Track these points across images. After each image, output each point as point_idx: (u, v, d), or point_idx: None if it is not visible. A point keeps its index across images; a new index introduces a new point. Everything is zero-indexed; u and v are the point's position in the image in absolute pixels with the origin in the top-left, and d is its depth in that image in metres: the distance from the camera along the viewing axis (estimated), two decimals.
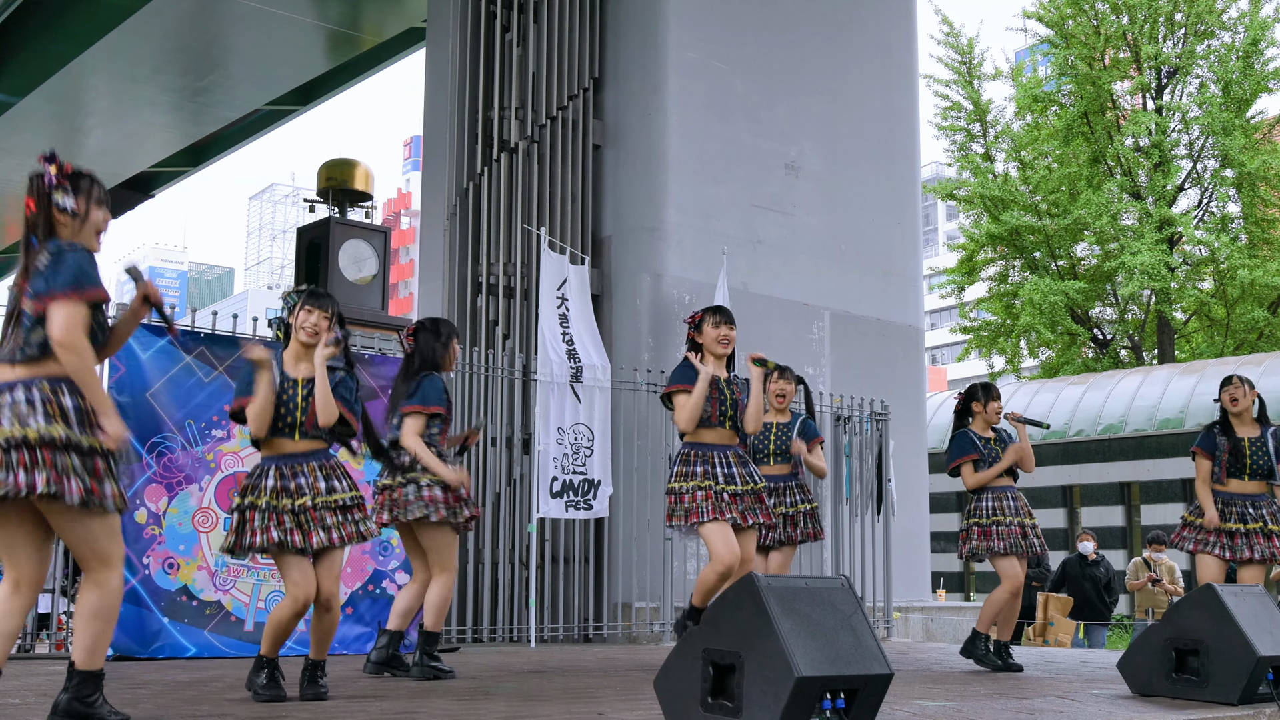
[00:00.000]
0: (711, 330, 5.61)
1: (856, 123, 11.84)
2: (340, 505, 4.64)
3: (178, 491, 6.78)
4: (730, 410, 5.54)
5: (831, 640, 3.45)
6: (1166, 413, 19.47)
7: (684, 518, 5.40)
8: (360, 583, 7.39)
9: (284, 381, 4.69)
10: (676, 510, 5.44)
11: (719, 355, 5.64)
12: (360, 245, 12.75)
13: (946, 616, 11.48)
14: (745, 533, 5.49)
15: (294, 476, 4.61)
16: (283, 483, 4.60)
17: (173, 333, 4.11)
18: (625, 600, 9.42)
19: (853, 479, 10.33)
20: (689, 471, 5.46)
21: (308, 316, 4.74)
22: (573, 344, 8.77)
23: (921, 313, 12.30)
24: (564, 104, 10.44)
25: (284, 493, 4.58)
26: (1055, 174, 24.81)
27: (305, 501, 4.58)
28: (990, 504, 6.69)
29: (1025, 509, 6.73)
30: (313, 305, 4.76)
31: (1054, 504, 20.48)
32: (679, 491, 5.44)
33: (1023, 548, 6.59)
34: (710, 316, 5.64)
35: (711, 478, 5.43)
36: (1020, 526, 6.62)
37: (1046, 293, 23.88)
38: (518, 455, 9.17)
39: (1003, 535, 6.61)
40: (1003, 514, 6.66)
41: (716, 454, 5.50)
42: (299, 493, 4.59)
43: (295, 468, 4.62)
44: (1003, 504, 6.69)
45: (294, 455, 4.65)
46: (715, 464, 5.47)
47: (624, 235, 10.45)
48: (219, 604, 6.81)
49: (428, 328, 5.70)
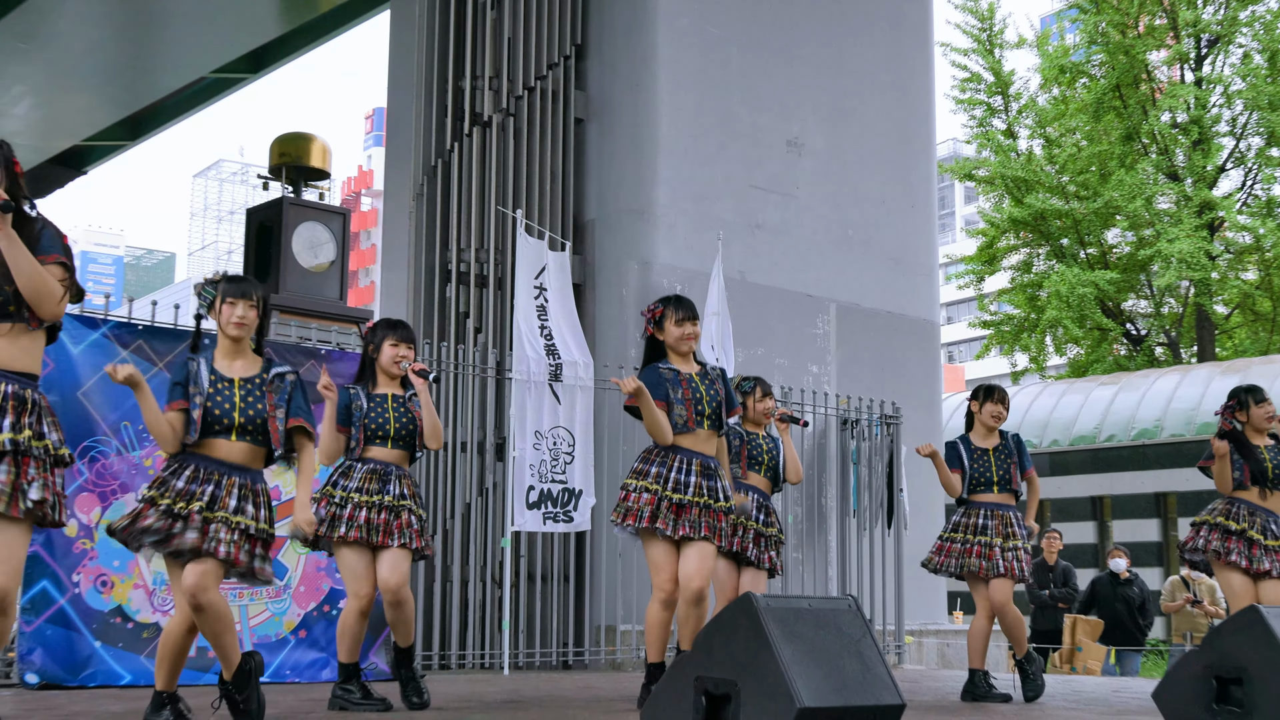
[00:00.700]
0: (675, 329, 5.60)
1: (865, 96, 11.85)
2: (242, 529, 4.55)
3: (112, 501, 6.75)
4: (708, 409, 5.54)
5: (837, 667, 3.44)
6: (1206, 416, 19.52)
7: (621, 516, 5.49)
8: (315, 603, 7.37)
9: (218, 381, 4.67)
10: (619, 507, 5.53)
11: (683, 354, 5.64)
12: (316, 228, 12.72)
13: (964, 641, 11.50)
14: (695, 545, 5.44)
15: (205, 482, 4.55)
16: (191, 486, 4.53)
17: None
18: (609, 623, 9.41)
19: (861, 489, 10.34)
20: (644, 470, 5.52)
21: (231, 310, 4.73)
22: (551, 339, 8.76)
23: (937, 305, 12.32)
24: (543, 73, 10.43)
25: (187, 497, 4.51)
26: (1084, 153, 24.86)
27: (196, 507, 4.49)
28: (957, 519, 6.81)
29: (1004, 530, 6.68)
30: (234, 297, 4.73)
31: (1082, 516, 20.54)
32: (627, 488, 5.53)
33: (977, 568, 6.61)
34: (673, 311, 5.62)
35: (661, 481, 5.44)
36: (983, 547, 6.64)
37: (1074, 284, 23.94)
38: (490, 462, 9.15)
39: (953, 554, 6.72)
40: (964, 531, 6.73)
41: (680, 458, 5.50)
42: (199, 499, 4.52)
43: (214, 475, 4.57)
44: (969, 520, 6.73)
45: (222, 462, 4.60)
46: (673, 467, 5.48)
47: (609, 219, 10.44)
48: (157, 626, 6.78)
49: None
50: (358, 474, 5.51)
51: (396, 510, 5.47)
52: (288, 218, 12.48)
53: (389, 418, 5.57)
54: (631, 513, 5.46)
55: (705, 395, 5.55)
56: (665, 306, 5.65)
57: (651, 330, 5.66)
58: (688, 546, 5.45)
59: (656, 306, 5.67)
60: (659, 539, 5.44)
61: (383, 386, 5.67)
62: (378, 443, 5.56)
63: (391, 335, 5.67)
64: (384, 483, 5.51)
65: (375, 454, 5.56)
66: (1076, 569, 12.93)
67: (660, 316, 5.64)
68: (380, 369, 5.66)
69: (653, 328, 5.65)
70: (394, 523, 5.45)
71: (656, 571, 5.47)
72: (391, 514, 5.46)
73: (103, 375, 6.76)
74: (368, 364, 5.72)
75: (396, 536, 5.44)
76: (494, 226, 10.01)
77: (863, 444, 10.38)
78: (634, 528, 5.48)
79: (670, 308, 5.65)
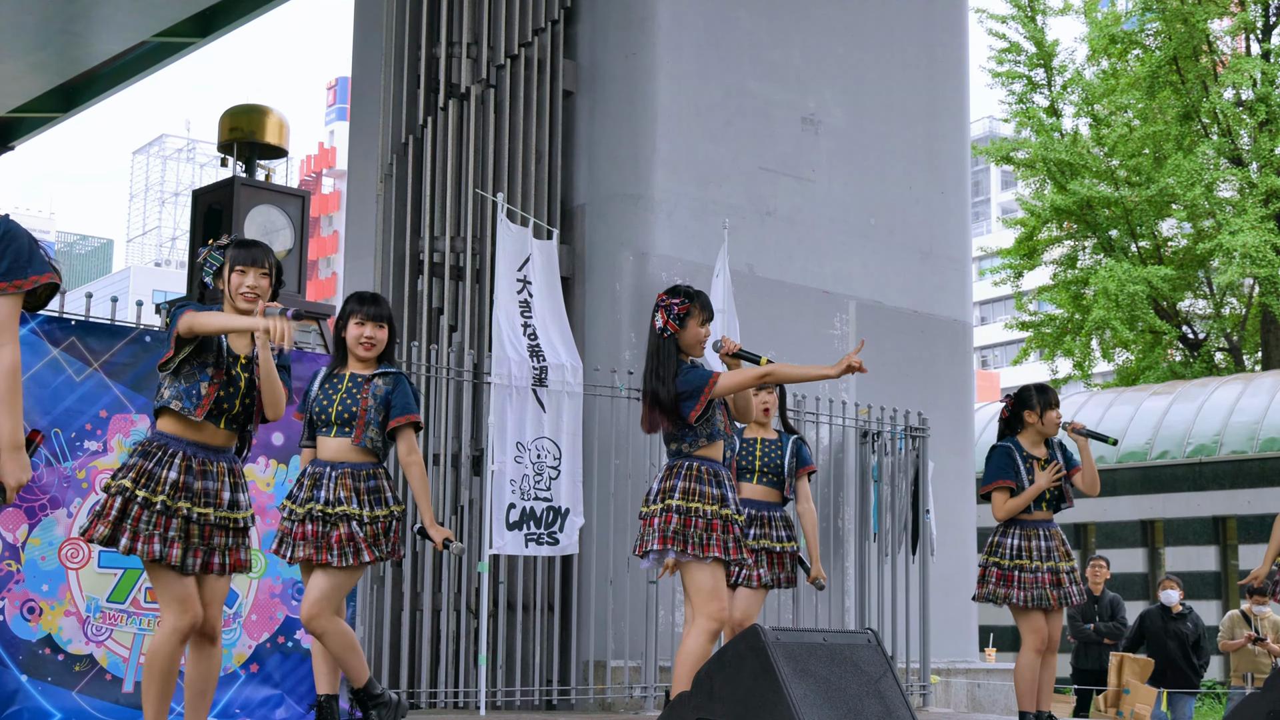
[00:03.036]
0: (700, 330, 5.59)
1: (891, 67, 11.87)
2: (236, 527, 4.85)
3: (40, 518, 6.75)
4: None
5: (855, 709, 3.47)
6: (1272, 430, 19.56)
7: (695, 545, 5.37)
8: (268, 633, 7.38)
9: (229, 360, 4.86)
10: (683, 534, 5.39)
11: (697, 358, 5.66)
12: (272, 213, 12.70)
13: (996, 681, 11.52)
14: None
15: (202, 476, 4.74)
16: (188, 479, 4.71)
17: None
18: (598, 658, 9.43)
19: (882, 509, 10.36)
20: (700, 491, 5.46)
21: (241, 279, 4.87)
22: (536, 338, 8.78)
23: (969, 304, 12.34)
24: (527, 39, 10.45)
25: (185, 492, 4.70)
26: (1136, 133, 24.90)
27: (208, 515, 4.73)
28: (1016, 542, 6.83)
29: (1062, 549, 6.84)
30: (245, 265, 4.89)
31: (1131, 542, 20.57)
32: (687, 511, 5.42)
33: (1050, 599, 6.72)
34: (699, 310, 5.59)
35: (727, 505, 5.48)
36: (1052, 574, 6.74)
37: (1124, 280, 23.97)
38: (466, 476, 9.16)
39: (1025, 584, 6.78)
40: (1029, 556, 6.79)
41: (725, 475, 5.57)
42: (202, 499, 4.72)
43: (206, 465, 4.76)
44: (1032, 544, 6.81)
45: (209, 447, 4.80)
46: (727, 487, 5.54)
47: (601, 204, 10.46)
48: (91, 658, 6.79)
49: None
50: (305, 479, 5.56)
51: (331, 520, 5.44)
52: (239, 200, 12.44)
53: (334, 400, 5.58)
54: (703, 542, 5.40)
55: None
56: (691, 303, 5.57)
57: (673, 326, 5.55)
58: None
59: (682, 301, 5.55)
60: (717, 566, 5.46)
61: (350, 368, 5.69)
62: (322, 431, 5.59)
63: (359, 311, 5.67)
64: (317, 487, 5.51)
65: (320, 448, 5.60)
66: (1125, 601, 12.95)
67: (685, 314, 5.55)
68: (349, 349, 5.69)
69: (673, 322, 5.54)
70: (330, 535, 5.43)
71: (717, 602, 5.42)
72: (325, 524, 5.44)
73: (33, 375, 6.76)
74: (340, 344, 5.75)
75: (324, 553, 5.43)
76: (472, 211, 10.03)
77: (885, 459, 10.39)
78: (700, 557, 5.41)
79: (696, 305, 5.58)
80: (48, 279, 3.61)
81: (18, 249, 3.59)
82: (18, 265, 3.58)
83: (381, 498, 5.53)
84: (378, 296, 5.78)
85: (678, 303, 5.55)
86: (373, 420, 5.54)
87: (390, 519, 5.54)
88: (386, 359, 5.71)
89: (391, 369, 5.69)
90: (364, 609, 8.30)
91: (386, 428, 5.59)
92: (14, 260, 3.58)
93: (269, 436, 7.16)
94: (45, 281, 3.61)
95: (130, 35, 16.82)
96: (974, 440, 12.57)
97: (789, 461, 7.12)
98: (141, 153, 79.59)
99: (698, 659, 5.12)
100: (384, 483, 5.57)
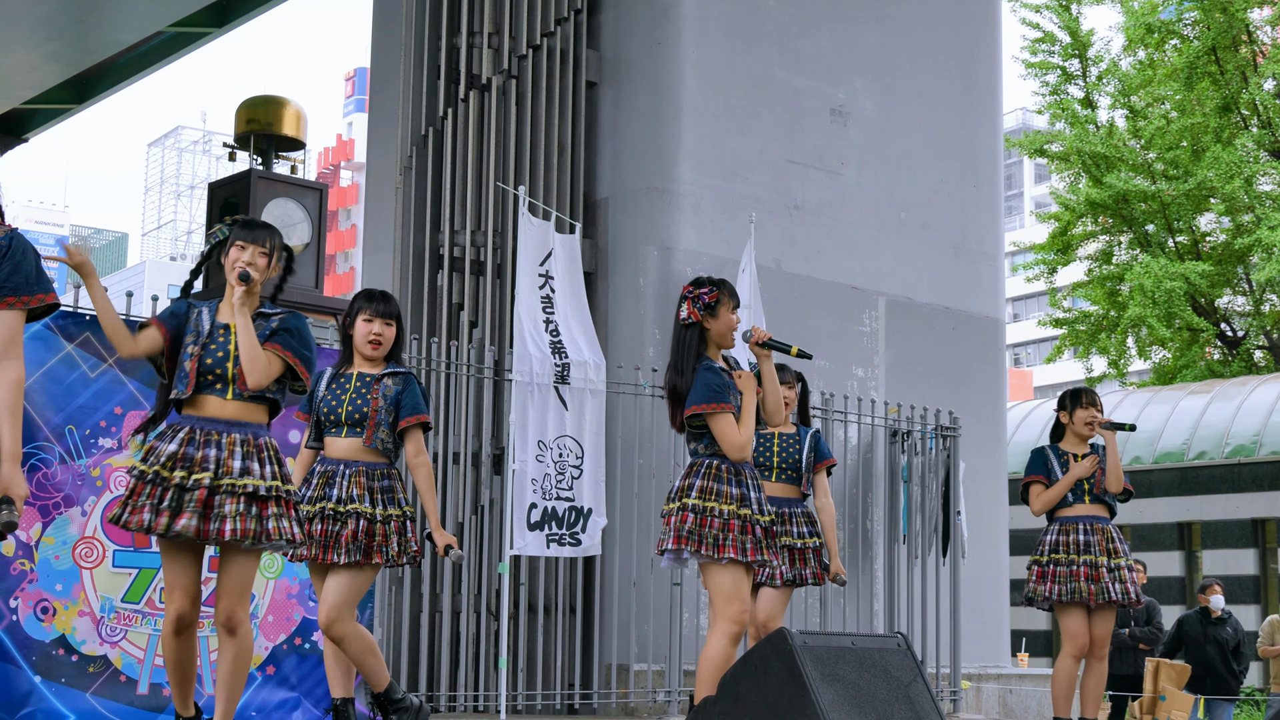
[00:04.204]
0: (731, 318, 5.52)
1: (922, 57, 11.84)
2: (250, 492, 4.72)
3: (55, 516, 6.78)
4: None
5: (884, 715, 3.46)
6: None
7: (709, 546, 5.32)
8: (285, 635, 7.39)
9: (213, 329, 4.84)
10: (698, 534, 5.35)
11: (724, 348, 5.62)
12: (289, 205, 12.76)
13: (1029, 687, 11.48)
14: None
15: (205, 446, 4.73)
16: (188, 449, 4.71)
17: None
18: (621, 661, 9.43)
19: (912, 511, 10.33)
20: (717, 490, 5.41)
21: (240, 254, 4.87)
22: (558, 335, 8.78)
23: (1002, 300, 12.31)
24: (550, 29, 10.45)
25: (182, 462, 4.68)
26: (1174, 125, 24.79)
27: (203, 479, 4.67)
28: (1053, 538, 6.84)
29: (1106, 544, 6.80)
30: (245, 240, 4.90)
31: (1167, 545, 20.48)
32: (702, 511, 5.38)
33: (1086, 593, 6.68)
34: (729, 299, 5.53)
35: (747, 504, 5.43)
36: (1089, 568, 6.70)
37: (1161, 276, 23.87)
38: (486, 475, 9.17)
39: (1059, 578, 6.74)
40: (1064, 550, 6.77)
41: (749, 474, 5.52)
42: (200, 466, 4.69)
43: (211, 435, 4.74)
44: (1069, 538, 6.79)
45: (217, 420, 4.77)
46: (749, 486, 5.49)
47: (625, 197, 10.46)
48: (105, 659, 6.82)
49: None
50: (315, 478, 5.58)
51: (341, 518, 5.48)
52: (256, 193, 12.51)
53: (342, 400, 5.61)
54: (720, 543, 5.36)
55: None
56: (720, 290, 5.50)
57: (699, 316, 5.49)
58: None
59: (710, 290, 5.48)
60: (741, 568, 5.43)
61: (358, 366, 5.72)
62: (331, 432, 5.62)
63: (367, 308, 5.70)
64: (329, 485, 5.55)
65: (329, 448, 5.64)
66: (1162, 605, 12.89)
67: (715, 302, 5.47)
68: (355, 348, 5.71)
69: (701, 314, 5.49)
70: (339, 533, 5.47)
71: (739, 605, 5.39)
72: (335, 523, 5.48)
73: (46, 371, 6.79)
74: (346, 342, 5.77)
75: (330, 552, 5.47)
76: (492, 205, 10.04)
77: (915, 459, 10.36)
78: (718, 558, 5.38)
79: (725, 293, 5.51)
80: (52, 299, 3.83)
81: (25, 265, 3.79)
82: (26, 282, 3.78)
83: (394, 497, 5.57)
84: (386, 294, 5.82)
85: (706, 291, 5.49)
86: (383, 421, 5.58)
87: (404, 519, 5.57)
88: (394, 358, 5.73)
89: (400, 369, 5.72)
90: (382, 611, 8.32)
91: (396, 428, 5.62)
92: (24, 276, 3.78)
93: (286, 434, 7.17)
94: (50, 301, 3.85)
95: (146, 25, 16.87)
96: (1006, 440, 12.53)
97: (806, 456, 7.09)
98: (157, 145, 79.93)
99: (720, 663, 5.11)
100: (397, 483, 5.62)
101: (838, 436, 10.14)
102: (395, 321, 5.72)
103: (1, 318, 3.76)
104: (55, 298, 3.87)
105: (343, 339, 5.80)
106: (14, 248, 3.77)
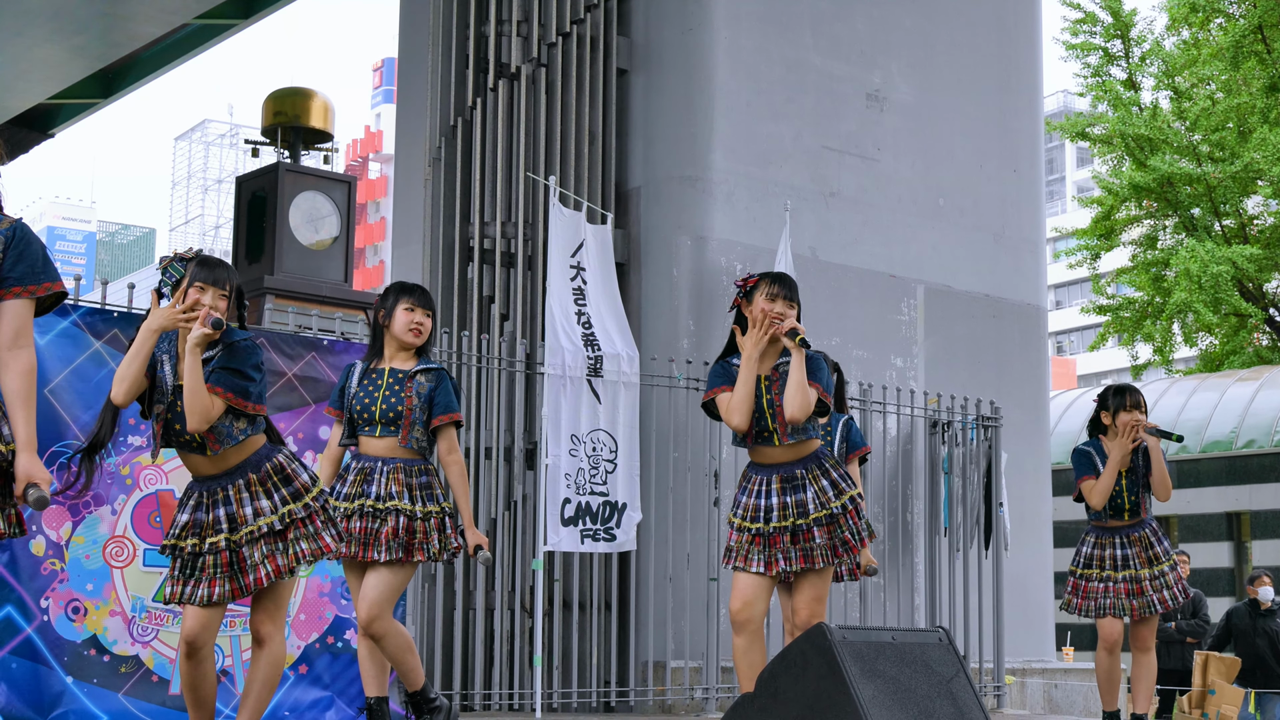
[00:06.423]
0: (763, 303, 5.47)
1: (960, 40, 11.79)
2: (267, 531, 4.77)
3: (84, 515, 6.82)
4: (768, 421, 5.45)
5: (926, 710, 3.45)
6: None
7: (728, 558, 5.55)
8: (317, 634, 7.43)
9: (173, 387, 4.81)
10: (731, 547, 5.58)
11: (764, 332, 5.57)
12: (317, 199, 12.82)
13: (1074, 682, 11.45)
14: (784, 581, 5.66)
15: (213, 507, 4.77)
16: (198, 515, 4.77)
17: None
18: (657, 658, 9.44)
19: (953, 503, 10.31)
20: (735, 499, 5.58)
21: (200, 295, 4.80)
22: (590, 327, 8.79)
23: (1044, 287, 12.25)
24: (580, 16, 10.45)
25: (194, 529, 4.75)
26: (1219, 106, 24.62)
27: (218, 541, 4.72)
28: (1089, 550, 6.86)
29: (1144, 551, 6.79)
30: (205, 281, 4.83)
31: (1216, 536, 20.37)
32: (731, 523, 5.57)
33: (1129, 610, 6.72)
34: (766, 286, 5.52)
35: (744, 511, 5.50)
36: (1130, 583, 6.72)
37: (1207, 261, 23.73)
38: (519, 471, 9.19)
39: (1093, 594, 6.78)
40: (1100, 566, 6.80)
41: (760, 478, 5.52)
42: (214, 529, 4.74)
43: (215, 495, 4.79)
44: (1105, 553, 6.81)
45: (212, 477, 4.81)
46: (753, 493, 5.50)
47: (657, 186, 10.45)
48: (137, 659, 6.86)
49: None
50: (351, 474, 5.62)
51: (380, 515, 5.51)
52: (284, 187, 12.57)
53: (376, 398, 5.63)
54: (726, 553, 5.58)
55: (762, 401, 5.48)
56: (761, 279, 5.55)
57: (740, 301, 5.56)
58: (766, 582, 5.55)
59: (753, 276, 5.58)
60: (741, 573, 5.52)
61: (389, 361, 5.74)
62: (365, 430, 5.65)
63: (407, 298, 5.74)
64: (368, 482, 5.57)
65: (364, 446, 5.67)
66: (1208, 597, 12.82)
67: (752, 287, 5.52)
68: (392, 337, 5.73)
69: (741, 299, 5.55)
70: (379, 531, 5.51)
71: (732, 602, 5.52)
72: (374, 520, 5.52)
73: (75, 369, 6.83)
74: (377, 335, 5.79)
75: (371, 550, 5.51)
76: (523, 196, 10.05)
77: (955, 450, 10.33)
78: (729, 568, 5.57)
79: (766, 280, 5.53)
80: (59, 287, 3.90)
81: (31, 254, 3.86)
82: (33, 271, 3.85)
83: (433, 494, 5.60)
84: (421, 286, 5.86)
85: (750, 276, 5.60)
86: (418, 420, 5.62)
87: (443, 515, 5.60)
88: (424, 353, 5.76)
89: (432, 364, 5.74)
90: (416, 608, 8.35)
91: (430, 426, 5.64)
92: (30, 265, 3.84)
93: (316, 430, 7.20)
94: (57, 290, 3.90)
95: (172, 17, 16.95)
96: (1049, 430, 12.48)
97: (839, 445, 7.08)
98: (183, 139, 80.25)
99: (735, 658, 5.38)
100: (434, 479, 5.65)
101: (876, 428, 10.11)
102: (431, 313, 5.77)
103: (10, 307, 3.81)
104: (62, 286, 3.93)
105: (374, 332, 5.82)
106: (18, 238, 3.84)
